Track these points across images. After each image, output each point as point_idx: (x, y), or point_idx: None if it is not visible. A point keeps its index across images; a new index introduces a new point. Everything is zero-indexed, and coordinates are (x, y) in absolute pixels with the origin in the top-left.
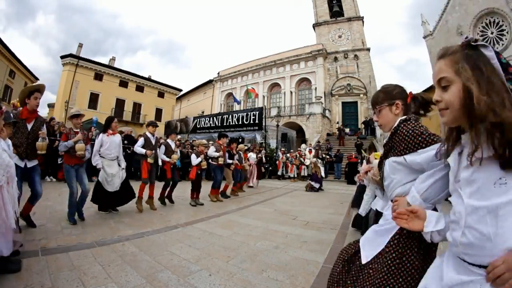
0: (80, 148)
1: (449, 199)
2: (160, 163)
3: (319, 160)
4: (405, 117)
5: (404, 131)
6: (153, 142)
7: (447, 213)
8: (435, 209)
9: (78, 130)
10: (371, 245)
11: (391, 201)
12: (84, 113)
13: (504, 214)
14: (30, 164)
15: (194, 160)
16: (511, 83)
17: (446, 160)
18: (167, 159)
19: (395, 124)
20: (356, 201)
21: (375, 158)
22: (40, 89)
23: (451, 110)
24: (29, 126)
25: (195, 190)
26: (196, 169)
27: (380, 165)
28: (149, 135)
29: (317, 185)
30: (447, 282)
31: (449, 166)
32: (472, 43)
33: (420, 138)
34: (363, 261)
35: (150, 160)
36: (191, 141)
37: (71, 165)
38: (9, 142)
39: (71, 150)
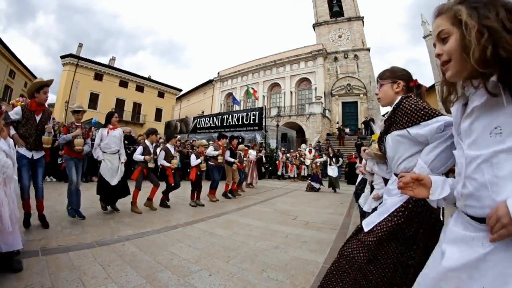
0: (79, 143)
1: (453, 152)
2: (153, 165)
3: (319, 160)
4: (407, 94)
5: (406, 105)
6: (152, 150)
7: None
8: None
9: (80, 124)
10: (374, 217)
11: (395, 175)
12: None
13: (498, 163)
14: (36, 156)
15: (194, 161)
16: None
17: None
18: (167, 164)
19: (397, 100)
20: (358, 196)
21: (373, 140)
22: (49, 84)
23: (454, 60)
24: (38, 118)
25: (195, 190)
26: (195, 170)
27: (381, 140)
28: (148, 144)
29: (317, 185)
30: (449, 236)
31: (452, 137)
32: None
33: (423, 112)
34: (365, 229)
35: (150, 164)
36: (191, 141)
37: (71, 157)
38: (10, 141)
39: (70, 144)
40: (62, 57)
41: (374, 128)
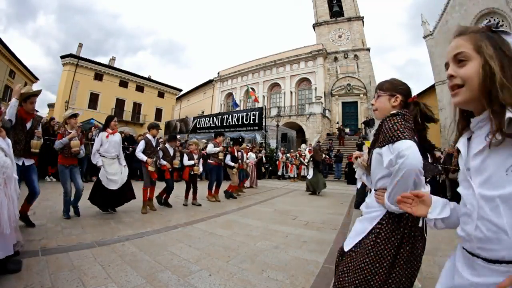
0: (75, 145)
1: (458, 190)
2: (153, 169)
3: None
4: (396, 111)
5: (386, 123)
6: (154, 144)
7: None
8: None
9: (72, 130)
10: (354, 233)
11: (375, 190)
12: (84, 113)
13: None
14: (27, 162)
15: (186, 160)
16: None
17: (455, 146)
18: (165, 163)
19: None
20: (359, 203)
21: (366, 145)
22: (37, 94)
23: (468, 87)
24: (28, 125)
25: (189, 190)
26: (188, 170)
27: (369, 153)
28: (150, 137)
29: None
30: (460, 283)
31: (401, 172)
32: (493, 29)
33: (393, 133)
34: (345, 249)
35: (151, 168)
36: (184, 141)
37: (65, 166)
38: (9, 141)
39: (66, 148)
40: (62, 57)
41: (369, 135)
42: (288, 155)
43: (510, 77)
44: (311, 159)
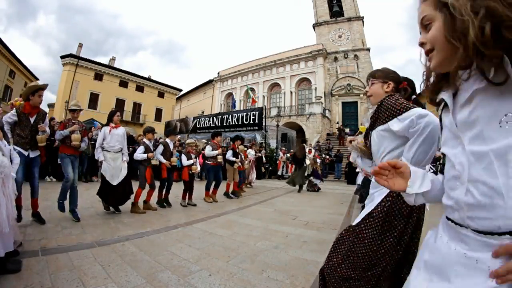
0: (76, 139)
1: (442, 151)
2: (157, 162)
3: (318, 161)
4: (391, 93)
5: (387, 101)
6: (152, 148)
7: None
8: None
9: (76, 122)
10: (364, 210)
11: None
12: (83, 113)
13: None
14: (32, 154)
15: (185, 161)
16: None
17: (438, 97)
18: (164, 161)
19: (382, 98)
20: (364, 198)
21: (361, 131)
22: (44, 88)
23: (437, 48)
24: (32, 120)
25: (187, 190)
26: (187, 170)
27: (367, 136)
28: (147, 142)
29: (317, 181)
30: (437, 259)
31: (428, 127)
32: None
33: (400, 106)
34: (353, 223)
35: (154, 162)
36: (184, 141)
37: (67, 154)
38: (5, 142)
39: (67, 140)
40: (62, 57)
41: (363, 121)
42: (288, 155)
43: (481, 9)
44: (291, 156)
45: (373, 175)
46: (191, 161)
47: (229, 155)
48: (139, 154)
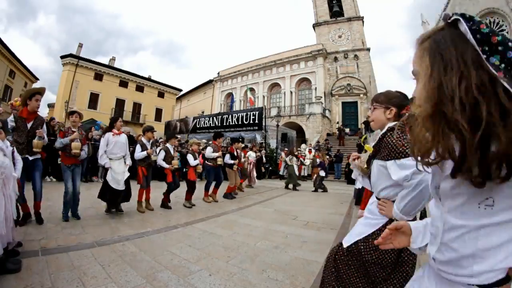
0: (76, 147)
1: (429, 204)
2: (159, 166)
3: (318, 160)
4: (392, 124)
5: (388, 140)
6: (149, 147)
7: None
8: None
9: (76, 130)
10: (354, 232)
11: (377, 198)
12: (84, 113)
13: (486, 235)
14: (31, 157)
15: (192, 161)
16: (497, 58)
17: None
18: (166, 166)
19: (384, 130)
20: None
21: (366, 150)
22: (41, 92)
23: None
24: (29, 125)
25: (192, 191)
26: (193, 170)
27: (369, 161)
28: (145, 141)
29: (323, 173)
30: None
31: (421, 184)
32: (448, 21)
33: (400, 149)
34: (344, 245)
35: (154, 157)
36: (185, 141)
37: (67, 166)
38: (7, 143)
39: (67, 148)
40: (62, 57)
41: (368, 140)
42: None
43: (438, 85)
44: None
45: (377, 243)
46: (197, 161)
47: (227, 158)
48: (139, 153)
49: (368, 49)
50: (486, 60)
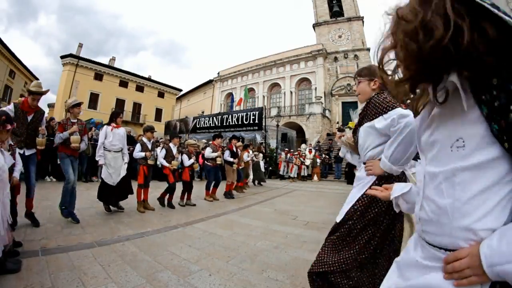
0: (75, 140)
1: (417, 166)
2: (160, 165)
3: (318, 161)
4: (382, 91)
5: (375, 99)
6: (150, 147)
7: None
8: None
9: (75, 121)
10: (346, 204)
11: (364, 163)
12: (83, 113)
13: (461, 182)
14: (28, 152)
15: (186, 161)
16: None
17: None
18: (167, 164)
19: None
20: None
21: (350, 127)
22: (42, 94)
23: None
24: (29, 118)
25: (186, 190)
26: (188, 170)
27: (355, 132)
28: (145, 140)
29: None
30: (410, 260)
31: (407, 127)
32: None
33: (387, 104)
34: (337, 220)
35: (150, 161)
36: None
37: (67, 154)
38: (8, 145)
39: (66, 142)
40: (62, 57)
41: (352, 117)
42: (288, 155)
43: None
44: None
45: (368, 193)
46: (192, 161)
47: (226, 155)
48: (137, 153)
49: (368, 49)
50: None
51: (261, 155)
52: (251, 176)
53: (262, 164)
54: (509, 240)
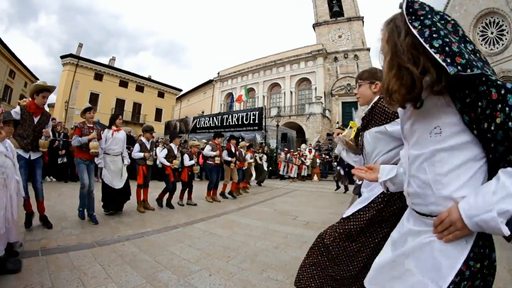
0: (94, 146)
1: (400, 152)
2: (159, 165)
3: (318, 161)
4: (380, 95)
5: (382, 106)
6: (148, 147)
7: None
8: None
9: (92, 125)
10: (357, 203)
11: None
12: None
13: (440, 161)
14: (34, 156)
15: (187, 161)
16: (417, 23)
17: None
18: (167, 163)
19: (375, 99)
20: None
21: (351, 126)
22: (50, 90)
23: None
24: (36, 120)
25: (185, 190)
26: (187, 170)
27: (357, 135)
28: (144, 140)
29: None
30: (404, 231)
31: None
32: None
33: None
34: (344, 216)
35: (149, 162)
36: (183, 141)
37: (83, 159)
38: (8, 142)
39: (83, 147)
40: (62, 57)
41: (353, 116)
42: (288, 155)
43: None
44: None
45: (353, 172)
46: (192, 162)
47: (224, 155)
48: (136, 153)
49: (368, 49)
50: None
51: (265, 156)
52: (253, 176)
53: (265, 165)
54: (484, 195)
